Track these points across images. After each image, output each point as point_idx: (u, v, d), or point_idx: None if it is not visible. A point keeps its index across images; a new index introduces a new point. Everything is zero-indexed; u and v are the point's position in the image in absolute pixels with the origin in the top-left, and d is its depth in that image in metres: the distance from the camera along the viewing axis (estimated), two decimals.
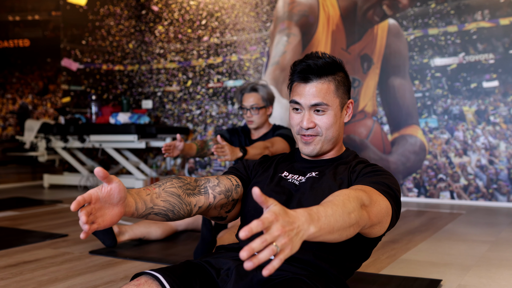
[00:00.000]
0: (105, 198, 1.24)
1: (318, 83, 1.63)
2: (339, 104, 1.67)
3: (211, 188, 1.58)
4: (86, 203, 1.19)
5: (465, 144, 4.96)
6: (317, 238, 1.12)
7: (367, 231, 1.43)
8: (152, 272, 1.43)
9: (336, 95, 1.65)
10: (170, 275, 1.42)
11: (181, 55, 6.64)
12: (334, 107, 1.65)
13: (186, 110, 6.55)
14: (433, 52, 5.13)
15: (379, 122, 5.36)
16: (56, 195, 5.58)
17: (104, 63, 7.06)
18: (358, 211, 1.27)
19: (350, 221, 1.22)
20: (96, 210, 1.23)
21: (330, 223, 1.14)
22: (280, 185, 1.66)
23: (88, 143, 6.04)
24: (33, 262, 2.62)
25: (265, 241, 0.97)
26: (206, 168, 6.34)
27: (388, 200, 1.46)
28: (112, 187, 1.25)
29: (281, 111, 5.82)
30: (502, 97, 4.82)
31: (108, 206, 1.26)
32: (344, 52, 5.53)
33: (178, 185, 1.50)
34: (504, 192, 4.78)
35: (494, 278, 2.32)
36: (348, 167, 1.64)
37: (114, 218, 1.27)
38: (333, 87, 1.64)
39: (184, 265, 1.53)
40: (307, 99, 1.63)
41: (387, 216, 1.46)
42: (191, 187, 1.54)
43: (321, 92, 1.62)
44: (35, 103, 7.41)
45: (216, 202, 1.59)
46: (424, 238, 3.24)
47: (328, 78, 1.64)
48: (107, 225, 1.25)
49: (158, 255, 2.78)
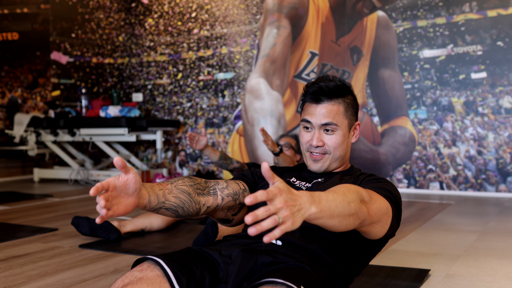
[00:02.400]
0: (121, 187, 1.31)
1: (329, 105, 1.72)
2: (348, 125, 1.76)
3: (219, 190, 1.64)
4: (104, 190, 1.26)
5: (454, 135, 4.99)
6: (317, 220, 1.19)
7: (367, 229, 1.48)
8: (154, 258, 1.46)
9: (345, 116, 1.74)
10: (171, 259, 1.45)
11: (171, 48, 6.62)
12: (342, 128, 1.74)
13: (177, 103, 6.54)
14: (422, 44, 5.14)
15: (369, 114, 5.38)
16: (46, 189, 5.56)
17: (94, 56, 7.03)
18: (358, 203, 1.33)
19: (350, 210, 1.29)
20: (112, 198, 1.30)
21: (331, 207, 1.21)
22: None
23: (78, 136, 6.02)
24: (22, 257, 2.61)
25: (268, 210, 1.04)
26: (197, 161, 6.34)
27: (388, 202, 1.53)
28: (129, 177, 1.32)
29: (271, 103, 5.82)
30: (490, 88, 4.85)
31: (123, 196, 1.33)
32: (334, 44, 5.54)
33: (189, 184, 1.56)
34: (492, 182, 4.82)
35: (481, 267, 2.35)
36: (352, 176, 1.73)
37: (128, 208, 1.34)
38: (343, 109, 1.73)
39: (185, 251, 1.56)
40: (317, 119, 1.72)
41: (387, 217, 1.52)
42: (201, 187, 1.60)
43: (331, 113, 1.71)
44: (25, 96, 7.37)
45: (223, 203, 1.64)
46: (414, 229, 3.26)
47: (338, 100, 1.73)
48: (121, 213, 1.32)
49: (149, 248, 2.79)
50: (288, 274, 1.33)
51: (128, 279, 1.40)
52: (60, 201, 4.70)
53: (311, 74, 5.65)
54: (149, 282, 1.38)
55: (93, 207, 4.28)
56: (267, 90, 5.88)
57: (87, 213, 3.97)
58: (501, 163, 4.79)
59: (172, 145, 6.52)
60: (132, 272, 1.42)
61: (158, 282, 1.39)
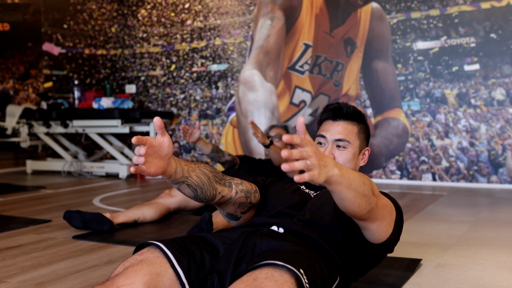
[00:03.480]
0: (156, 148, 1.40)
1: (345, 123, 1.85)
2: (359, 146, 1.87)
3: (235, 184, 1.71)
4: (143, 144, 1.36)
5: (446, 127, 5.01)
6: (337, 185, 1.29)
7: (372, 226, 1.57)
8: (154, 242, 1.48)
9: (358, 137, 1.86)
10: (171, 243, 1.48)
11: (164, 39, 6.60)
12: (354, 147, 1.85)
13: (170, 95, 6.53)
14: (416, 36, 5.15)
15: (362, 106, 5.39)
16: (39, 181, 5.55)
17: (86, 47, 7.00)
18: (370, 189, 1.43)
19: (364, 190, 1.39)
20: (147, 155, 1.38)
21: (350, 178, 1.31)
22: (298, 192, 1.84)
23: (71, 128, 6.01)
24: (16, 248, 2.61)
25: (301, 152, 1.15)
26: (191, 153, 6.34)
27: (393, 205, 1.64)
28: (164, 140, 1.41)
29: (265, 95, 5.83)
30: (483, 80, 4.87)
31: (156, 156, 1.41)
32: (328, 36, 5.54)
33: (209, 170, 1.64)
34: (484, 173, 4.85)
35: (472, 257, 2.37)
36: None
37: (158, 169, 1.42)
38: (356, 130, 1.86)
39: (185, 236, 1.58)
40: (332, 134, 1.84)
41: (391, 218, 1.62)
42: (219, 177, 1.67)
43: (346, 130, 1.84)
44: (17, 88, 7.34)
45: (236, 198, 1.71)
46: (406, 219, 3.28)
47: (353, 122, 1.86)
48: (152, 172, 1.40)
49: (142, 239, 2.79)
50: (288, 257, 1.35)
51: (129, 263, 1.42)
52: (53, 192, 4.70)
53: (305, 65, 5.65)
54: (150, 263, 1.41)
55: (85, 199, 4.28)
56: (260, 81, 5.87)
57: (80, 205, 3.97)
58: (493, 155, 4.82)
59: None
60: (133, 256, 1.45)
61: (159, 263, 1.42)
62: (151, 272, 1.38)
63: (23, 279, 2.09)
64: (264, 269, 1.29)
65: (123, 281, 1.34)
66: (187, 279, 1.42)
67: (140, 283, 1.34)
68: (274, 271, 1.28)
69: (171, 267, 1.42)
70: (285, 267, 1.29)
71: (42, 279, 2.09)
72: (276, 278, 1.26)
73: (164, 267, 1.41)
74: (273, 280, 1.25)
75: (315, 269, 1.41)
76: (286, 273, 1.28)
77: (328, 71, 5.54)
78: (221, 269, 1.45)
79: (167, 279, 1.40)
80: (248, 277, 1.28)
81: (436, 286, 1.94)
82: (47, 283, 2.03)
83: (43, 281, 2.06)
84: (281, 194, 1.84)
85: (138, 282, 1.34)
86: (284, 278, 1.26)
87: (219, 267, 1.46)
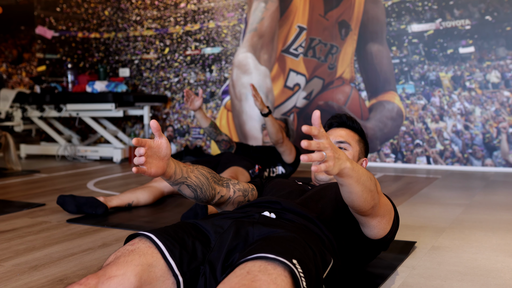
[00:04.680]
0: (155, 149, 1.50)
1: (347, 130, 2.04)
2: (358, 152, 2.03)
3: (232, 184, 1.82)
4: (142, 145, 1.45)
5: (441, 110, 5.00)
6: (348, 178, 1.38)
7: (373, 222, 1.66)
8: (145, 233, 1.47)
9: (358, 144, 2.03)
10: (162, 233, 1.47)
11: (158, 22, 6.55)
12: (354, 150, 2.01)
13: (164, 78, 6.49)
14: (410, 18, 5.13)
15: (357, 89, 5.38)
16: (33, 165, 5.53)
17: (79, 30, 6.94)
18: (375, 184, 1.52)
19: (370, 186, 1.47)
20: (147, 156, 1.48)
21: (359, 173, 1.40)
22: (296, 184, 1.95)
23: (65, 112, 5.98)
24: (10, 232, 2.61)
25: (318, 144, 1.25)
26: (185, 136, 6.32)
27: (392, 206, 1.73)
28: (162, 142, 1.52)
29: (259, 78, 5.80)
30: (478, 63, 4.86)
31: (155, 157, 1.51)
32: (322, 19, 5.51)
33: (207, 171, 1.74)
34: (478, 156, 4.86)
35: (466, 239, 2.38)
36: None
37: (158, 170, 1.51)
38: (357, 138, 2.04)
39: (176, 224, 1.57)
40: (335, 138, 2.01)
41: (389, 216, 1.70)
42: (216, 177, 1.78)
43: (348, 135, 2.02)
44: (10, 72, 7.28)
45: (234, 197, 1.82)
46: (400, 202, 3.29)
47: (355, 132, 2.05)
48: (152, 173, 1.50)
49: (136, 222, 2.79)
50: (280, 249, 1.34)
51: (120, 252, 1.41)
52: (47, 176, 4.68)
53: (299, 48, 5.62)
54: (141, 253, 1.40)
55: (80, 183, 4.27)
56: (254, 64, 5.85)
57: (74, 189, 3.96)
58: (487, 138, 4.82)
59: (160, 120, 6.49)
60: (124, 247, 1.44)
61: (150, 253, 1.41)
62: (143, 263, 1.37)
63: (17, 262, 2.08)
64: (257, 261, 1.29)
65: (115, 271, 1.33)
66: (180, 270, 1.41)
67: (132, 273, 1.34)
68: (267, 264, 1.27)
69: (163, 258, 1.41)
70: (277, 260, 1.28)
71: (36, 262, 2.08)
72: (269, 271, 1.25)
73: (155, 257, 1.40)
74: (266, 273, 1.24)
75: (308, 255, 1.41)
76: (279, 266, 1.27)
77: (323, 54, 5.52)
78: (213, 260, 1.45)
79: (159, 270, 1.39)
80: (241, 270, 1.27)
81: (431, 268, 1.95)
82: (41, 266, 2.02)
83: (37, 264, 2.06)
84: (279, 185, 1.93)
85: (130, 273, 1.33)
86: (278, 272, 1.26)
87: (211, 257, 1.45)
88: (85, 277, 1.31)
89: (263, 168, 3.69)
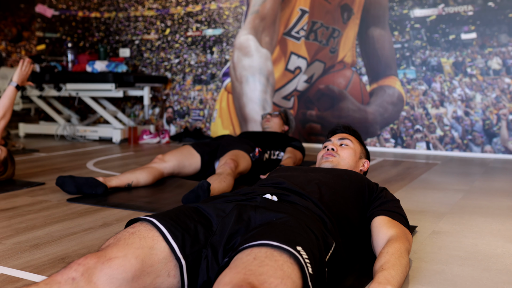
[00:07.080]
0: None
1: (349, 135, 2.24)
2: (359, 151, 2.20)
3: None
4: None
5: (442, 96, 4.99)
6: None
7: None
8: (146, 218, 1.46)
9: (359, 144, 2.22)
10: (164, 217, 1.46)
11: (159, 2, 6.50)
12: (355, 148, 2.18)
13: (165, 59, 6.46)
14: (413, 3, 5.09)
15: (358, 73, 5.36)
16: (32, 145, 5.52)
17: (80, 9, 6.89)
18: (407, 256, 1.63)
19: (407, 268, 1.59)
20: None
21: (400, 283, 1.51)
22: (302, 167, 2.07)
23: (64, 91, 5.95)
24: (10, 210, 2.61)
25: None
26: (185, 118, 6.31)
27: (406, 228, 1.83)
28: None
29: (260, 60, 5.78)
30: (480, 49, 4.84)
31: None
32: (325, 2, 5.47)
33: None
34: (478, 143, 4.86)
35: (466, 224, 2.39)
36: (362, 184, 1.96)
37: None
38: (358, 141, 2.23)
39: (178, 208, 1.56)
40: (337, 137, 2.22)
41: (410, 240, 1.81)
42: None
43: (349, 136, 2.23)
44: (9, 50, 7.24)
45: None
46: (400, 187, 3.29)
47: (357, 138, 2.25)
48: None
49: (137, 203, 2.79)
50: (284, 236, 1.34)
51: (120, 235, 1.40)
52: (46, 156, 4.68)
53: (301, 31, 5.59)
54: (142, 236, 1.39)
55: (79, 162, 4.27)
56: (256, 47, 5.82)
57: (74, 169, 3.96)
58: (487, 124, 4.82)
59: (160, 101, 6.48)
60: (125, 230, 1.43)
61: (151, 236, 1.40)
62: (144, 245, 1.36)
63: (18, 240, 2.08)
64: (263, 248, 1.29)
65: (115, 253, 1.31)
66: (182, 253, 1.40)
67: (133, 256, 1.32)
68: (274, 251, 1.28)
69: (165, 241, 1.40)
70: (282, 248, 1.29)
71: (37, 240, 2.08)
72: (276, 258, 1.26)
73: (156, 240, 1.39)
74: (273, 259, 1.25)
75: (311, 240, 1.41)
76: (285, 253, 1.28)
77: (324, 37, 5.49)
78: (215, 243, 1.45)
79: (161, 252, 1.38)
80: (247, 256, 1.26)
81: (431, 253, 1.96)
82: (42, 245, 2.03)
83: (38, 242, 2.06)
84: (288, 170, 2.02)
85: (131, 255, 1.32)
86: (284, 258, 1.27)
87: (213, 241, 1.45)
88: (84, 257, 1.29)
89: (263, 150, 3.68)
